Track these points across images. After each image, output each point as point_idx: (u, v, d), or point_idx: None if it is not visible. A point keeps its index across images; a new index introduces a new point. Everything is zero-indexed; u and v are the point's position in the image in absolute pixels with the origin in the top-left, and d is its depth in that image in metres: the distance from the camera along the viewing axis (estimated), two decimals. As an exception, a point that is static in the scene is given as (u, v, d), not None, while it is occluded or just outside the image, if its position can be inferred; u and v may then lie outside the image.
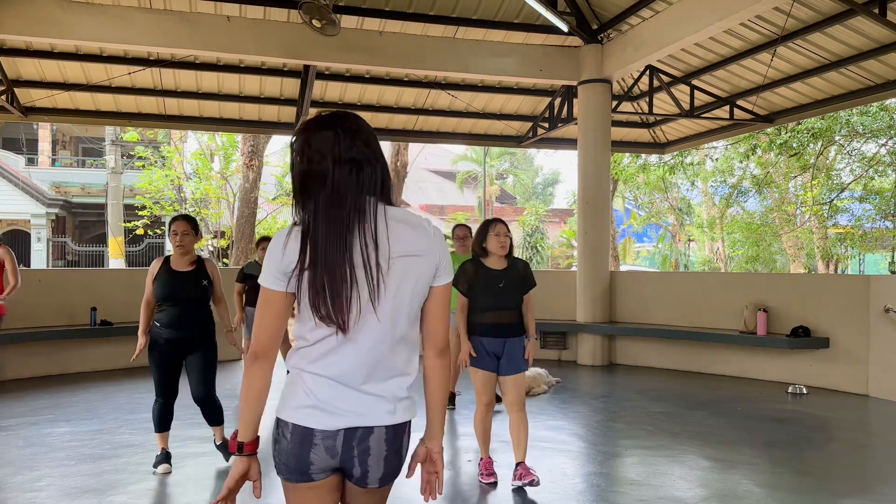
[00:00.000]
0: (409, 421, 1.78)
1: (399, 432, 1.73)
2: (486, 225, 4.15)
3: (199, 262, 4.30)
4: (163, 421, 4.30)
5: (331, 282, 1.61)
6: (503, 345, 4.04)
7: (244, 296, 6.99)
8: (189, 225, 4.21)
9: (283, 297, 1.68)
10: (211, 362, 4.33)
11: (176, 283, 4.15)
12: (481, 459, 4.28)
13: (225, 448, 4.48)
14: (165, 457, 4.32)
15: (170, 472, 4.26)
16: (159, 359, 4.19)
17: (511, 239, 4.13)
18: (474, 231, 4.63)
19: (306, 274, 1.63)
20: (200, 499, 3.87)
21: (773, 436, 5.34)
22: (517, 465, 4.10)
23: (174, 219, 4.26)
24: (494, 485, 4.15)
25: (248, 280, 6.95)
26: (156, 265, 4.24)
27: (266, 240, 7.27)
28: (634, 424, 5.71)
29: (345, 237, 1.62)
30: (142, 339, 4.22)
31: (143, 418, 5.69)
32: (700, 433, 5.39)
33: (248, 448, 1.73)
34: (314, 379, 1.69)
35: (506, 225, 4.15)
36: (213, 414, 4.42)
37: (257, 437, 1.74)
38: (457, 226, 6.19)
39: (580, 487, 4.12)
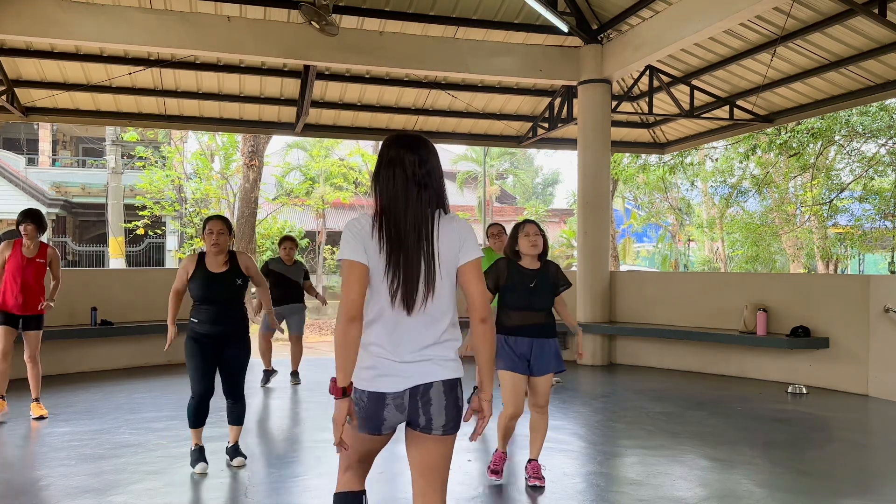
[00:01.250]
0: (459, 378, 2.21)
1: (453, 386, 2.17)
2: (517, 228, 4.14)
3: (232, 258, 4.34)
4: (199, 417, 4.30)
5: (410, 276, 2.10)
6: (531, 345, 4.01)
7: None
8: (224, 224, 4.28)
9: (366, 268, 2.11)
10: (245, 360, 4.38)
11: (212, 285, 4.22)
12: (496, 451, 4.27)
13: (232, 451, 4.45)
14: (200, 454, 4.32)
15: (206, 471, 4.25)
16: (197, 355, 4.21)
17: (545, 239, 4.10)
18: (508, 231, 4.65)
19: (390, 263, 2.10)
20: (202, 498, 3.88)
21: (773, 436, 5.34)
22: (529, 461, 4.17)
23: (209, 218, 4.32)
24: (496, 480, 4.17)
25: (271, 276, 6.97)
26: (190, 263, 4.27)
27: (288, 239, 7.27)
28: (634, 424, 5.71)
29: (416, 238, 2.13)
30: (172, 329, 4.26)
31: (143, 418, 5.70)
32: (700, 433, 5.40)
33: (349, 391, 2.09)
34: (379, 351, 2.13)
35: (537, 225, 4.12)
36: (239, 413, 4.44)
37: (351, 382, 2.11)
38: (491, 224, 6.28)
39: (580, 487, 4.12)
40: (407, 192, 2.12)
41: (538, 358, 4.03)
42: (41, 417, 5.65)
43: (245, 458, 4.47)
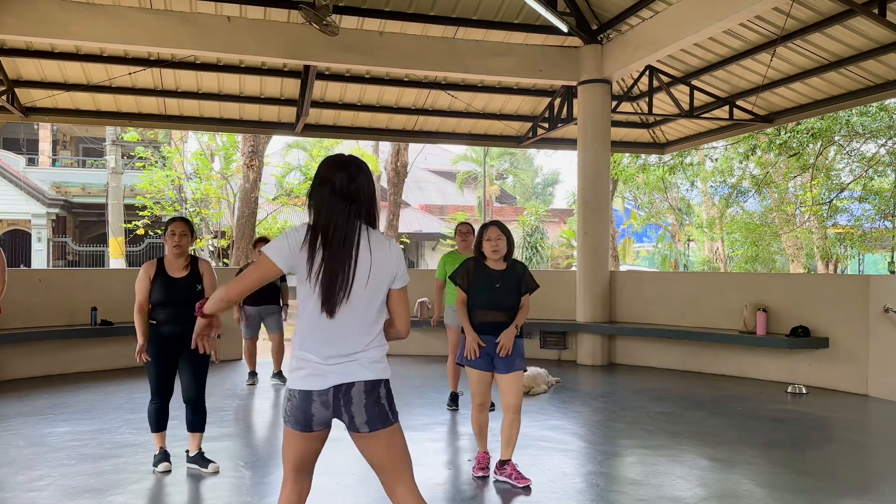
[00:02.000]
0: (384, 379, 2.37)
1: (374, 386, 2.33)
2: (482, 230, 4.19)
3: (193, 263, 4.30)
4: (160, 421, 4.29)
5: (333, 278, 2.27)
6: (496, 343, 4.06)
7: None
8: (187, 226, 4.25)
9: (277, 272, 2.32)
10: (204, 363, 4.32)
11: (171, 289, 4.17)
12: (478, 454, 4.33)
13: (200, 459, 4.36)
14: (164, 455, 4.32)
15: (170, 471, 4.26)
16: (156, 354, 4.18)
17: (509, 241, 4.13)
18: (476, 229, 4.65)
19: (316, 268, 2.27)
20: (202, 498, 3.88)
21: (773, 436, 5.34)
22: (504, 462, 4.15)
23: (172, 220, 4.28)
24: (484, 479, 4.20)
25: None
26: (149, 270, 4.21)
27: (263, 240, 7.26)
28: (634, 424, 5.71)
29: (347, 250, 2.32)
30: (141, 340, 4.19)
31: (143, 418, 5.66)
32: (700, 433, 5.40)
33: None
34: (308, 355, 2.31)
35: (500, 228, 4.14)
36: (198, 418, 4.37)
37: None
38: (460, 223, 6.15)
39: (580, 487, 4.12)
40: (335, 205, 2.31)
41: (504, 357, 4.06)
42: None
43: (215, 463, 4.36)
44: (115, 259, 20.80)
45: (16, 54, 8.63)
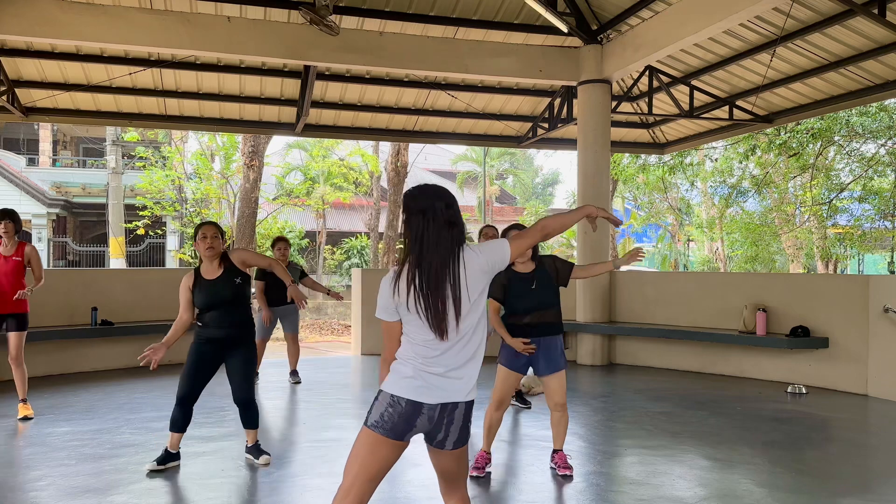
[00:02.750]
0: (474, 400, 2.40)
1: (469, 408, 2.37)
2: (504, 235, 4.16)
3: (226, 259, 4.33)
4: (183, 423, 4.31)
5: (438, 307, 2.29)
6: (538, 343, 4.10)
7: (261, 295, 6.99)
8: (217, 229, 4.31)
9: (397, 327, 2.39)
10: (252, 363, 4.39)
11: (212, 290, 4.22)
12: (479, 452, 4.32)
13: (255, 450, 4.47)
14: (165, 457, 4.31)
15: (158, 470, 4.25)
16: (199, 358, 4.23)
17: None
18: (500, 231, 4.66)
19: (416, 300, 2.29)
20: (201, 498, 3.88)
21: (773, 436, 5.34)
22: (555, 451, 4.34)
23: (202, 224, 4.31)
24: (480, 479, 4.19)
25: (268, 277, 6.93)
26: (189, 281, 4.28)
27: (281, 240, 7.21)
28: (634, 424, 5.71)
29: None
30: (162, 353, 4.13)
31: (143, 418, 5.71)
32: (700, 433, 5.40)
33: None
34: (422, 365, 2.32)
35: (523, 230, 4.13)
36: (252, 416, 4.45)
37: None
38: (487, 226, 6.08)
39: (580, 487, 4.13)
40: (438, 232, 2.32)
41: (546, 357, 4.11)
42: (26, 418, 5.61)
43: (269, 455, 4.49)
44: (116, 259, 20.81)
45: (16, 54, 8.63)
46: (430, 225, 2.31)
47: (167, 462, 4.33)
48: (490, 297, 4.19)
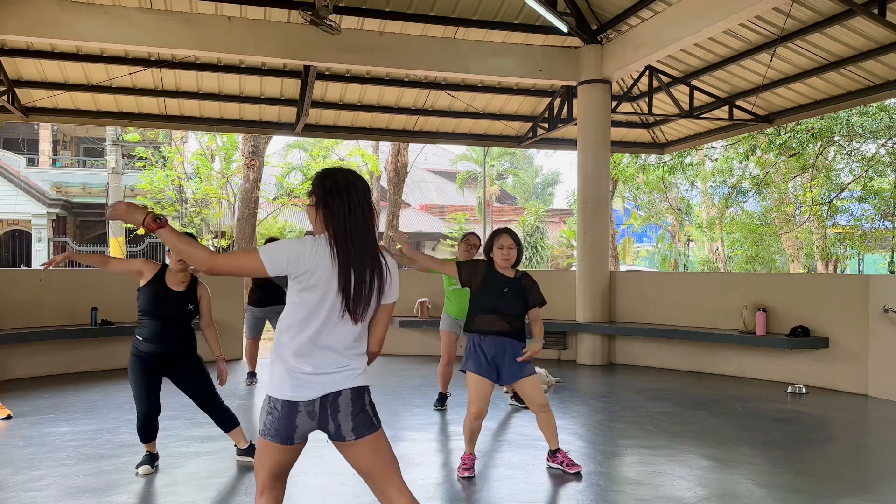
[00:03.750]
0: (368, 386, 2.39)
1: (360, 393, 2.34)
2: (493, 236, 4.19)
3: (193, 283, 4.22)
4: (148, 434, 4.21)
5: (359, 285, 2.29)
6: (503, 348, 4.09)
7: (250, 295, 7.00)
8: None
9: (259, 272, 2.24)
10: (201, 372, 4.28)
11: (162, 301, 4.09)
12: (464, 454, 4.30)
13: (250, 452, 4.41)
14: (150, 458, 4.28)
15: (150, 473, 4.23)
16: (140, 373, 4.11)
17: (520, 251, 4.15)
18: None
19: (339, 275, 2.25)
20: (201, 498, 3.88)
21: (773, 436, 5.34)
22: (554, 451, 4.35)
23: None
24: (470, 479, 4.19)
25: (255, 279, 6.95)
26: (150, 269, 4.15)
27: (273, 240, 7.23)
28: (634, 424, 5.71)
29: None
30: (61, 259, 4.10)
31: (143, 418, 5.70)
32: (700, 433, 5.40)
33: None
34: (296, 363, 2.28)
35: (512, 237, 4.15)
36: (226, 419, 4.38)
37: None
38: (469, 234, 5.95)
39: (580, 487, 4.13)
40: (361, 212, 2.31)
41: (510, 363, 4.09)
42: (8, 417, 5.63)
43: None
44: (116, 259, 20.79)
45: (16, 54, 8.64)
46: (352, 202, 2.29)
47: (154, 462, 4.31)
48: (459, 269, 4.16)
